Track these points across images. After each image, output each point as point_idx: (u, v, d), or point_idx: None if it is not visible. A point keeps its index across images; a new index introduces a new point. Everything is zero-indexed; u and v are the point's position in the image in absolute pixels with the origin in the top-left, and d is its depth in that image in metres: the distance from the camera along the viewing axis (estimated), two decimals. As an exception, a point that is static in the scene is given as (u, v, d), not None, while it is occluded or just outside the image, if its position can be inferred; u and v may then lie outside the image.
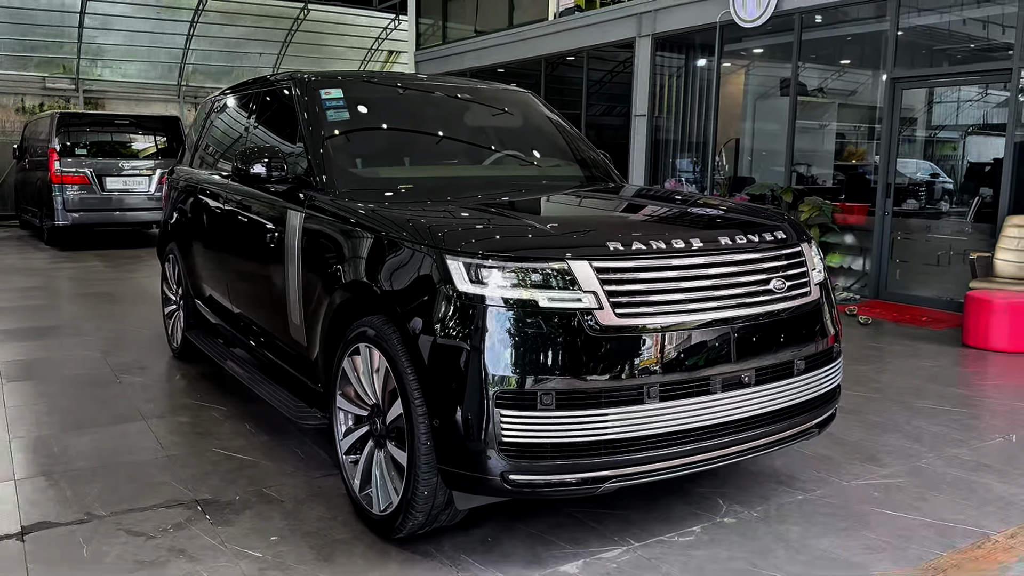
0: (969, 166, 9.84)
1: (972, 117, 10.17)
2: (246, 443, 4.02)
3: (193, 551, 2.93)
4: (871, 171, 10.21)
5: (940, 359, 5.98)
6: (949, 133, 10.32)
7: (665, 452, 2.74)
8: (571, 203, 3.71)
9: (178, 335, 5.53)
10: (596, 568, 2.84)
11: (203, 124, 5.58)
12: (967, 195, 8.97)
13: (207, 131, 5.45)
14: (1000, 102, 8.94)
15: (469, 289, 2.66)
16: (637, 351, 2.69)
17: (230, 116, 5.10)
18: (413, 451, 2.77)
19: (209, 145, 5.36)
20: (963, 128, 10.16)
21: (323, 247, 3.40)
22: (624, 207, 3.71)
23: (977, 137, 10.11)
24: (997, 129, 9.07)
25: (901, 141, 8.35)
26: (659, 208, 3.58)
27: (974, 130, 10.06)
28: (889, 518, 3.27)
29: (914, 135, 9.91)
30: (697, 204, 3.66)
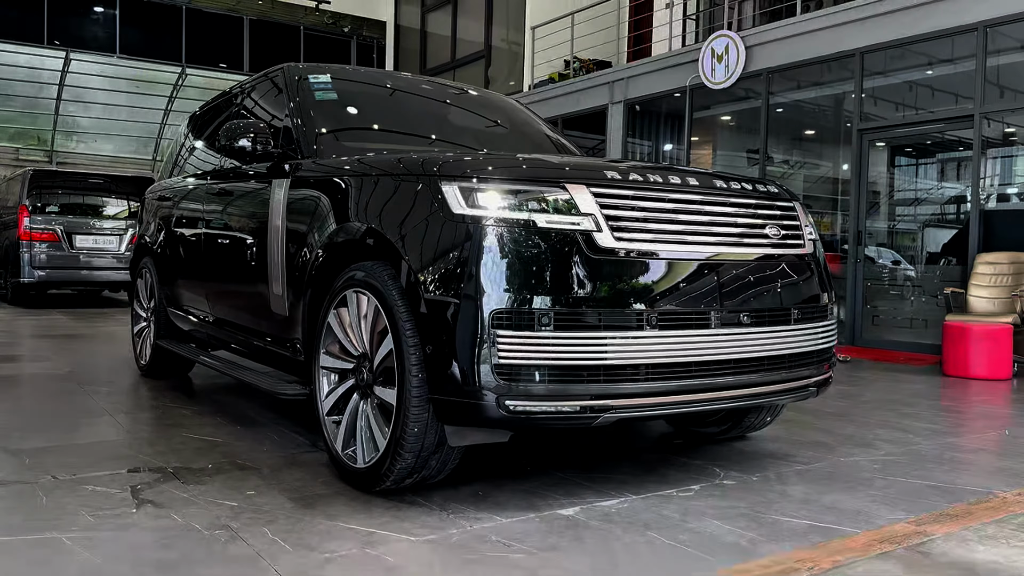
0: (928, 255, 9.77)
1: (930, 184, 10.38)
2: (217, 430, 3.82)
3: (162, 502, 2.73)
4: (838, 242, 10.32)
5: (923, 384, 5.96)
6: (908, 225, 10.24)
7: (664, 385, 2.65)
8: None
9: (147, 350, 5.34)
10: (594, 511, 2.69)
11: (182, 140, 5.56)
12: (935, 284, 8.90)
13: (183, 146, 5.42)
14: (957, 194, 9.13)
15: (466, 211, 2.60)
16: (635, 276, 2.62)
17: (207, 127, 5.08)
18: (403, 386, 2.64)
19: (185, 158, 5.31)
20: (922, 203, 10.27)
21: (308, 205, 3.33)
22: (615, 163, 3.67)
23: (933, 229, 10.03)
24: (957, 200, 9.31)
25: (862, 235, 8.42)
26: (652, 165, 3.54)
27: (931, 221, 9.95)
28: (892, 482, 3.16)
29: (875, 225, 9.88)
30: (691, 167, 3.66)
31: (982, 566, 2.29)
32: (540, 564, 2.23)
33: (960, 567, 2.29)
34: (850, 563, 2.29)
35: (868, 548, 2.41)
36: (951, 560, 2.33)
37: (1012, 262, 7.02)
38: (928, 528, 2.61)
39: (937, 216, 10.01)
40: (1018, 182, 8.40)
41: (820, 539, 2.50)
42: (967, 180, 7.76)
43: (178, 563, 2.19)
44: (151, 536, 2.39)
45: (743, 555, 2.35)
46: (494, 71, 14.59)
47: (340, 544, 2.35)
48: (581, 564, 2.25)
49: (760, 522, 2.64)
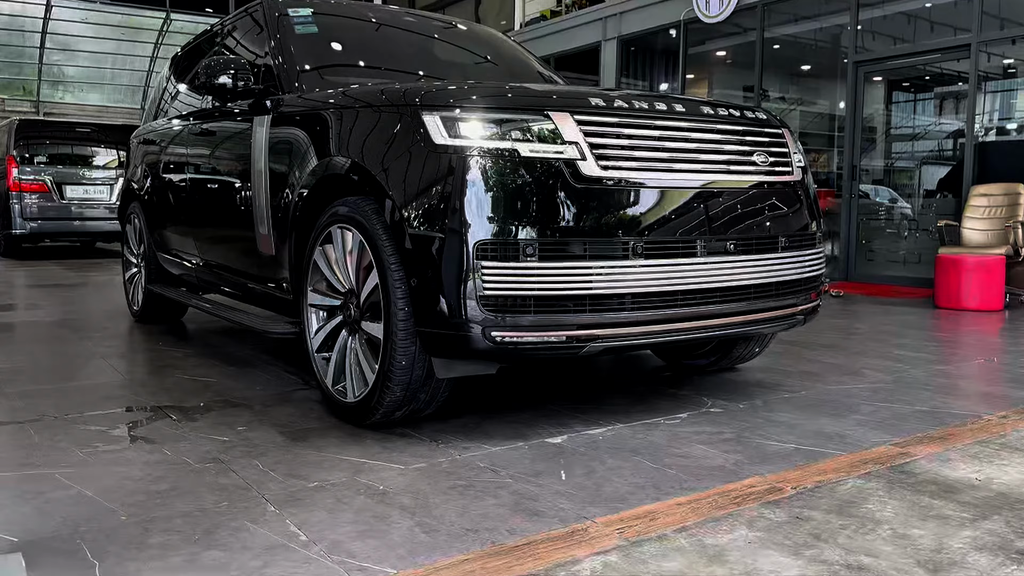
0: (924, 191, 9.80)
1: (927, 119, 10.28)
2: (210, 371, 3.83)
3: (154, 438, 2.75)
4: (833, 179, 10.29)
5: (915, 315, 5.98)
6: (904, 162, 10.23)
7: (650, 315, 2.65)
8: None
9: (139, 296, 5.34)
10: (582, 439, 2.72)
11: (165, 83, 5.46)
12: (928, 220, 8.93)
13: (166, 88, 5.34)
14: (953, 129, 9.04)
15: (448, 142, 2.57)
16: (620, 205, 2.60)
17: (189, 65, 4.99)
18: (390, 319, 2.64)
19: (168, 96, 5.23)
20: (919, 134, 10.23)
21: (291, 142, 3.29)
22: None
23: (928, 165, 10.04)
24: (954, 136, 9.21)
25: (857, 170, 8.39)
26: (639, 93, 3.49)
27: (927, 157, 9.96)
28: (878, 407, 3.19)
29: (871, 163, 9.89)
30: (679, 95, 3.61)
31: (961, 482, 2.33)
32: (527, 486, 2.26)
33: (940, 483, 2.32)
34: (833, 482, 2.32)
35: (852, 468, 2.45)
36: (931, 478, 2.36)
37: (1006, 193, 6.98)
38: (912, 449, 2.64)
39: (933, 152, 9.92)
40: (1015, 115, 8.31)
41: (804, 461, 2.53)
42: (964, 115, 7.67)
43: (168, 493, 2.22)
44: (142, 470, 2.41)
45: (729, 476, 2.38)
46: (484, 9, 14.31)
47: (330, 473, 2.38)
48: (568, 485, 2.28)
49: (746, 445, 2.67)
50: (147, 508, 2.11)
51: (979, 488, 2.29)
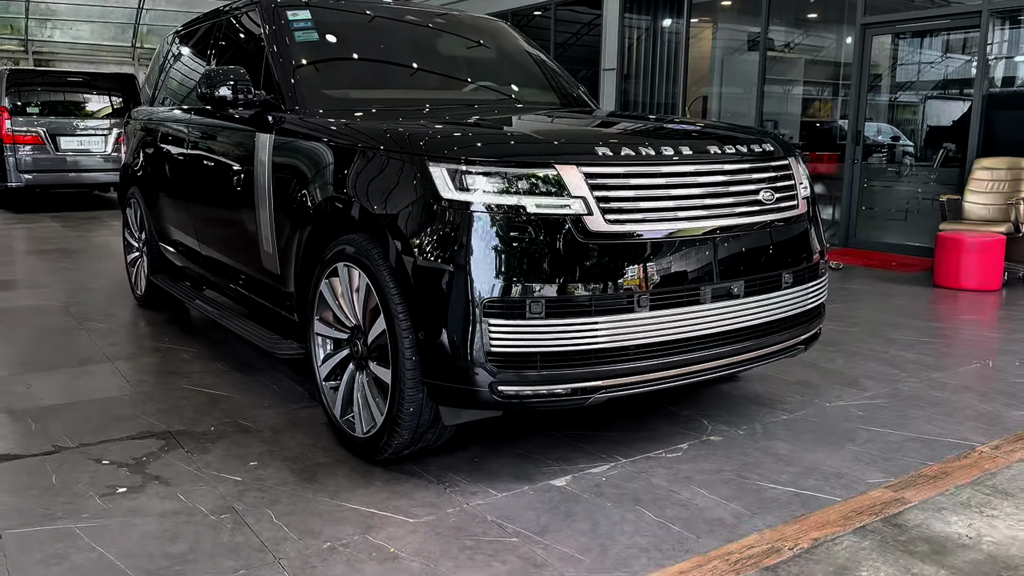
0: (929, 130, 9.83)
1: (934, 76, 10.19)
2: (218, 380, 3.89)
3: (168, 477, 2.82)
4: (836, 128, 10.24)
5: (913, 298, 6.03)
6: (910, 97, 10.28)
7: (655, 363, 2.69)
8: (549, 120, 3.60)
9: (142, 282, 5.36)
10: (585, 481, 2.79)
11: (162, 62, 5.37)
12: (930, 150, 9.00)
13: (166, 69, 5.24)
14: (959, 65, 8.96)
15: (454, 196, 2.56)
16: (627, 259, 2.61)
17: (190, 50, 4.90)
18: (397, 367, 2.68)
19: (168, 81, 5.15)
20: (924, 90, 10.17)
21: (295, 168, 3.26)
22: (606, 123, 3.61)
23: (937, 101, 10.09)
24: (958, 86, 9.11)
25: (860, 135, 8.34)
26: (643, 124, 3.48)
27: (934, 94, 10.04)
28: (875, 434, 3.27)
29: (877, 98, 9.88)
30: (682, 122, 3.57)
31: (952, 542, 2.41)
32: (533, 547, 2.34)
33: (931, 541, 2.40)
34: (829, 540, 2.41)
35: (847, 521, 2.53)
36: (924, 535, 2.45)
37: (1010, 168, 6.94)
38: (905, 494, 2.72)
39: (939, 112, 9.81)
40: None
41: (802, 509, 2.61)
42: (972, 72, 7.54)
43: (186, 557, 2.30)
44: (158, 524, 2.48)
45: (728, 532, 2.46)
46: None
47: (341, 529, 2.45)
48: (572, 545, 2.36)
49: (745, 489, 2.75)
50: (168, 578, 2.19)
51: (969, 548, 2.37)
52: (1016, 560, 2.31)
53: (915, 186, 8.13)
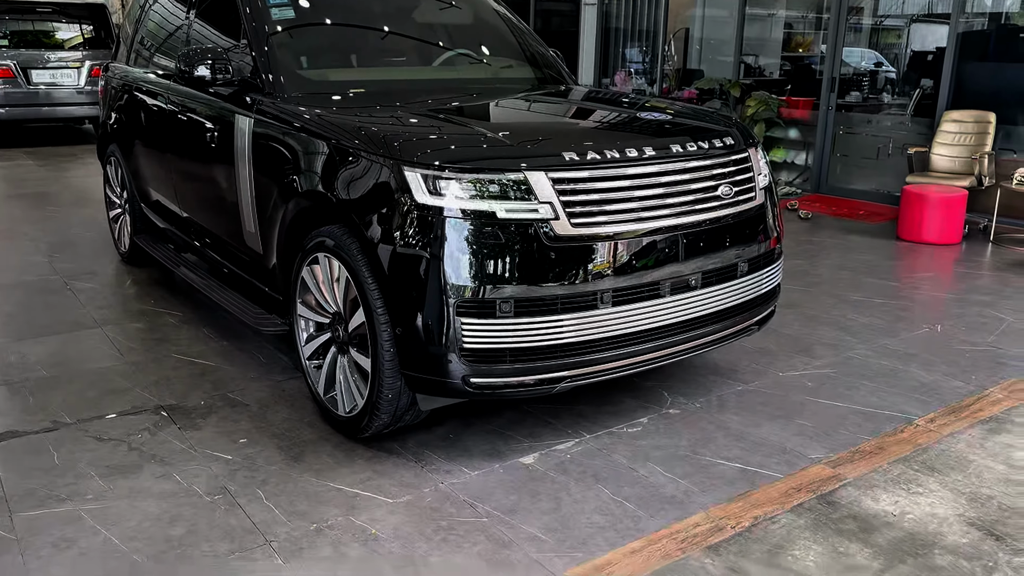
0: (912, 55, 9.98)
1: (917, 5, 10.25)
2: (205, 348, 4.07)
3: (164, 455, 3.03)
4: (817, 61, 10.31)
5: (875, 253, 6.26)
6: (894, 21, 10.41)
7: (617, 353, 2.89)
8: (524, 109, 3.72)
9: (125, 240, 5.46)
10: (551, 459, 3.04)
11: (138, 17, 5.34)
12: (909, 86, 9.13)
13: (143, 24, 5.22)
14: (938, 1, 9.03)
15: (428, 200, 2.71)
16: (592, 259, 2.79)
17: (167, 9, 4.88)
18: (376, 357, 2.87)
19: (146, 40, 5.14)
20: (908, 16, 10.26)
21: (274, 155, 3.37)
22: (576, 113, 3.74)
23: (921, 25, 10.24)
24: (942, 18, 9.16)
25: (847, 29, 8.44)
26: (611, 114, 3.61)
27: (919, 17, 10.17)
28: (821, 407, 3.52)
29: (860, 23, 9.98)
30: (647, 108, 3.69)
31: (879, 520, 2.68)
32: (502, 527, 2.59)
33: (859, 519, 2.68)
34: (767, 519, 2.67)
35: (786, 499, 2.79)
36: (854, 513, 2.72)
37: (977, 121, 7.09)
38: (842, 470, 2.98)
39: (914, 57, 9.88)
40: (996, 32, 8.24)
41: (746, 487, 2.87)
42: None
43: (185, 540, 2.52)
44: (158, 506, 2.70)
45: (678, 510, 2.72)
46: None
47: (327, 511, 2.68)
48: (537, 525, 2.61)
49: (696, 466, 3.00)
50: (171, 563, 2.41)
51: (892, 526, 2.65)
52: (932, 537, 2.59)
53: (888, 133, 8.25)
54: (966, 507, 2.76)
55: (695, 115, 3.58)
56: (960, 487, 2.89)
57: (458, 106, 3.58)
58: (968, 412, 3.48)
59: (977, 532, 2.62)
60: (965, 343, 4.31)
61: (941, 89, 7.49)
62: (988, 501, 2.80)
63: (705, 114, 3.62)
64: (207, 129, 3.96)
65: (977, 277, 5.63)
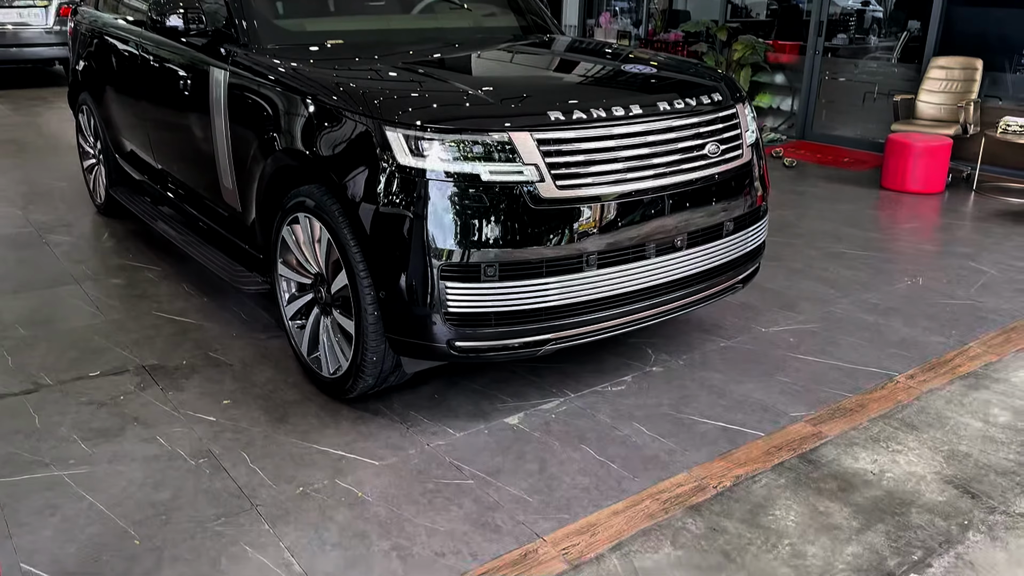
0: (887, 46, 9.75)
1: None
2: (186, 305, 4.03)
3: (147, 418, 3.02)
4: (804, 2, 10.12)
5: (858, 202, 6.25)
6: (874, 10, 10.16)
7: (602, 315, 2.89)
8: (507, 62, 3.63)
9: (101, 191, 5.35)
10: (536, 418, 3.05)
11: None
12: (896, 27, 9.01)
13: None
14: None
15: (410, 162, 2.65)
16: (577, 222, 2.75)
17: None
18: (360, 320, 2.85)
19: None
20: None
21: (252, 110, 3.28)
22: (561, 66, 3.65)
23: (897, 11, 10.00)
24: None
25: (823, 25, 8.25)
26: (596, 68, 3.53)
27: None
28: (802, 363, 3.55)
29: None
30: (633, 61, 3.61)
31: (858, 479, 2.73)
32: (487, 489, 2.61)
33: (840, 479, 2.72)
34: (749, 478, 2.71)
35: (768, 457, 2.83)
36: (834, 472, 2.76)
37: (964, 67, 7.03)
38: (823, 428, 3.02)
39: None
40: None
41: (728, 446, 2.90)
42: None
43: (170, 505, 2.52)
44: (143, 471, 2.70)
45: (661, 470, 2.75)
46: None
47: (312, 474, 2.69)
48: (522, 487, 2.64)
49: (679, 425, 3.03)
50: (155, 528, 2.42)
51: (871, 485, 2.69)
52: (909, 496, 2.64)
53: (874, 79, 8.17)
54: (943, 465, 2.81)
55: (681, 68, 3.51)
56: (938, 445, 2.94)
57: (440, 58, 3.49)
58: (947, 368, 3.52)
59: (954, 490, 2.67)
60: (945, 296, 4.34)
61: (929, 34, 7.40)
62: (965, 458, 2.85)
63: (691, 67, 3.55)
64: (181, 79, 3.84)
65: (959, 228, 5.65)
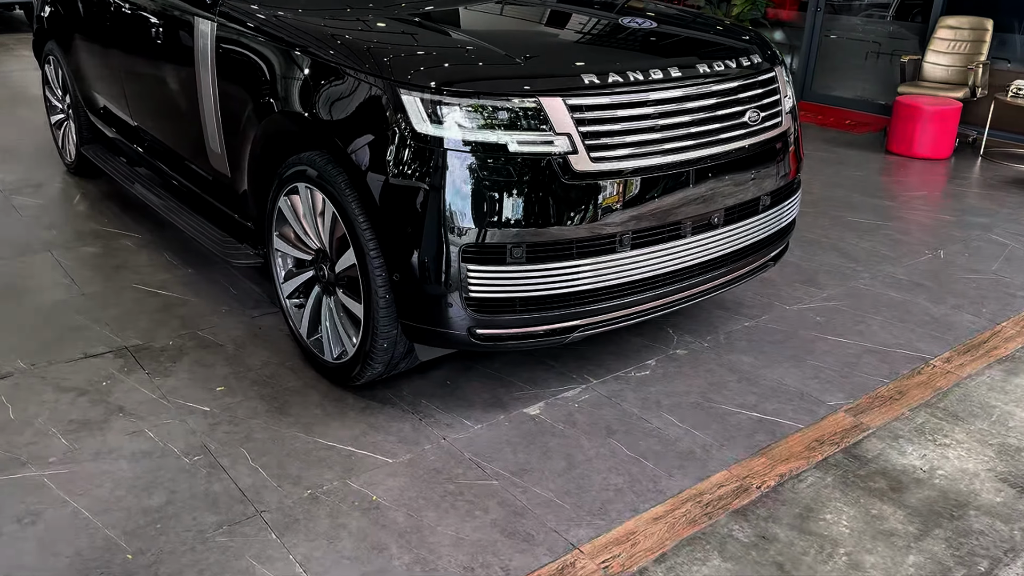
0: None
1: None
2: (170, 277, 3.73)
3: (133, 408, 2.75)
4: None
5: (866, 168, 6.04)
6: None
7: (633, 299, 2.65)
8: (524, 16, 3.32)
9: (71, 148, 4.98)
10: (558, 409, 2.83)
11: None
12: None
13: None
14: None
15: (429, 130, 2.37)
16: (611, 198, 2.50)
17: None
18: (370, 304, 2.59)
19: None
20: None
21: (243, 66, 2.96)
22: (584, 21, 3.30)
23: None
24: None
25: None
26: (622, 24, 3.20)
27: None
28: (832, 345, 3.35)
29: None
30: (659, 19, 3.32)
31: (908, 476, 2.55)
32: (513, 491, 2.39)
33: (889, 477, 2.54)
34: (794, 476, 2.52)
35: (810, 452, 2.64)
36: (882, 468, 2.58)
37: (973, 28, 6.80)
38: (864, 418, 2.83)
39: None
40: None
41: (766, 438, 2.71)
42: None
43: (164, 511, 2.27)
44: (131, 469, 2.44)
45: (698, 468, 2.54)
46: None
47: (321, 474, 2.45)
48: (551, 488, 2.42)
49: (712, 415, 2.82)
50: (149, 539, 2.17)
51: (923, 484, 2.52)
52: (965, 497, 2.46)
53: (877, 38, 7.92)
54: (995, 460, 2.64)
55: (710, 26, 3.24)
56: (986, 437, 2.76)
57: (446, 11, 3.17)
58: (983, 350, 3.35)
59: (1011, 489, 2.50)
60: (970, 271, 4.16)
61: (937, -7, 7.14)
62: (1017, 453, 2.68)
63: (720, 24, 3.27)
64: (162, 27, 3.50)
65: (971, 196, 5.47)
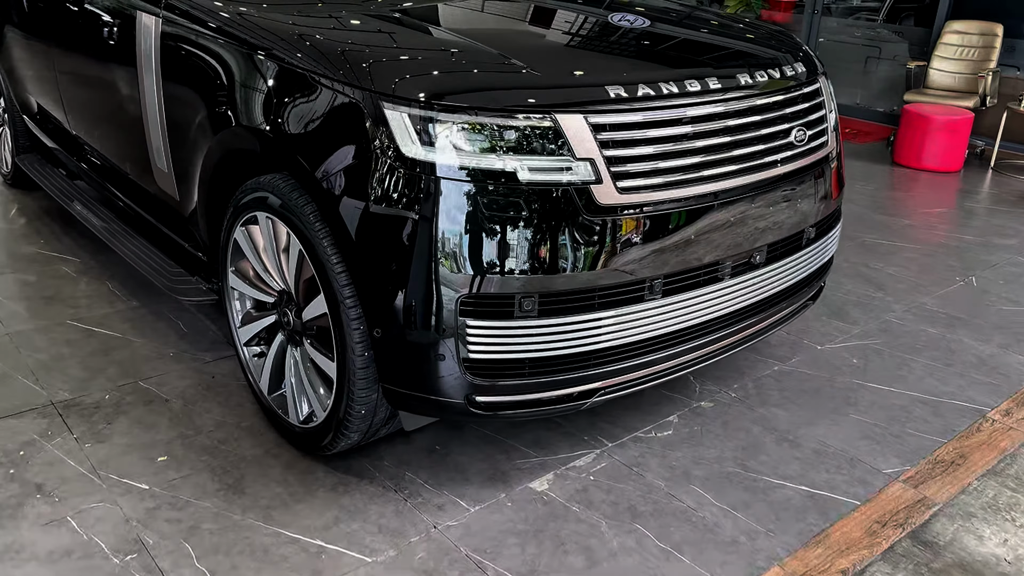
0: None
1: None
2: (111, 311, 3.23)
3: (54, 487, 2.25)
4: None
5: (875, 181, 5.67)
6: None
7: (663, 354, 2.21)
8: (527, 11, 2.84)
9: (7, 158, 4.45)
10: (570, 482, 2.37)
11: None
12: None
13: None
14: None
15: (418, 154, 1.90)
16: (640, 236, 2.05)
17: None
18: (345, 362, 2.11)
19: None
20: None
21: (193, 70, 2.48)
22: (598, 21, 2.80)
23: None
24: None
25: None
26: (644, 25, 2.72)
27: None
28: (875, 394, 2.94)
29: None
30: (683, 22, 2.88)
31: (990, 568, 2.13)
32: (522, 601, 1.94)
33: (969, 570, 2.12)
34: (860, 572, 2.09)
35: (873, 539, 2.21)
36: (959, 559, 2.15)
37: (982, 33, 6.46)
38: (927, 491, 2.41)
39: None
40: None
41: (819, 519, 2.28)
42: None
43: (85, 639, 1.79)
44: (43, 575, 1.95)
45: (744, 564, 2.10)
46: None
47: (283, 578, 1.98)
48: (567, 593, 1.97)
49: (752, 490, 2.39)
50: None
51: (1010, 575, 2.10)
52: (1063, 598, 2.06)
53: (878, 43, 7.57)
54: (1088, 547, 2.24)
55: (748, 30, 2.81)
56: (1072, 515, 2.36)
57: (436, 6, 2.70)
58: (1044, 401, 2.95)
59: (1116, 588, 2.09)
60: (1008, 301, 3.78)
61: None
62: (1111, 537, 2.28)
63: (763, 31, 2.84)
64: (101, 21, 2.99)
65: (990, 213, 5.11)
